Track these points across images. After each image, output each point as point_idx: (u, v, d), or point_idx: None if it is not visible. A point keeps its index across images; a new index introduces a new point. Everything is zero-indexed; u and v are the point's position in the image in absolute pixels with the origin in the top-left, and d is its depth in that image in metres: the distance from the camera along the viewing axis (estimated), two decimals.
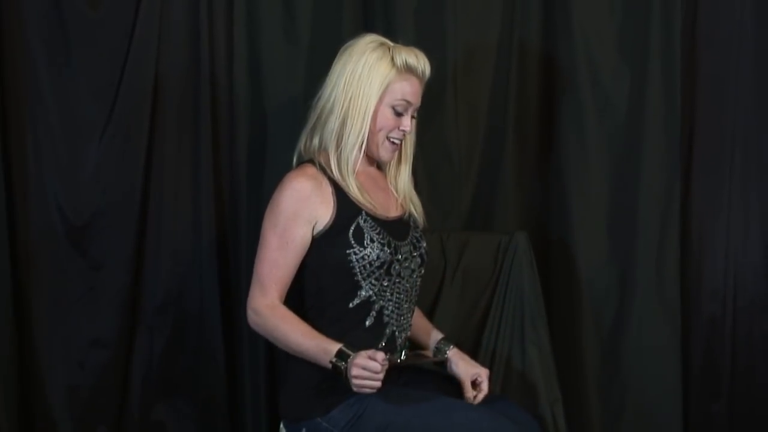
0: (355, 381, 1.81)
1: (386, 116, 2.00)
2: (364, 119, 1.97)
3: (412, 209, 2.10)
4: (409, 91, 1.99)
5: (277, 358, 2.47)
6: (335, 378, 1.93)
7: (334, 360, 1.85)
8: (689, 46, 2.63)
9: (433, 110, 2.45)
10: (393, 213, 2.07)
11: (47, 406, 2.38)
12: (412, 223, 2.09)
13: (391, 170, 2.12)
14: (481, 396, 2.02)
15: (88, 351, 2.39)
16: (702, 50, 2.64)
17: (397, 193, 2.10)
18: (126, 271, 2.38)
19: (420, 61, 2.00)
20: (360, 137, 1.98)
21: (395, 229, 2.02)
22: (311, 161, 2.03)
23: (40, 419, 2.39)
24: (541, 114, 2.62)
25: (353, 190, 2.00)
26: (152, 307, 2.43)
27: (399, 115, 2.00)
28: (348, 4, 2.49)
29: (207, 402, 2.46)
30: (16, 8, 2.31)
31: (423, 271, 2.09)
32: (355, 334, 1.97)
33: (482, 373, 2.04)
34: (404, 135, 2.03)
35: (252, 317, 1.98)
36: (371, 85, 1.97)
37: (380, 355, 1.81)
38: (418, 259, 2.06)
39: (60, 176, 2.36)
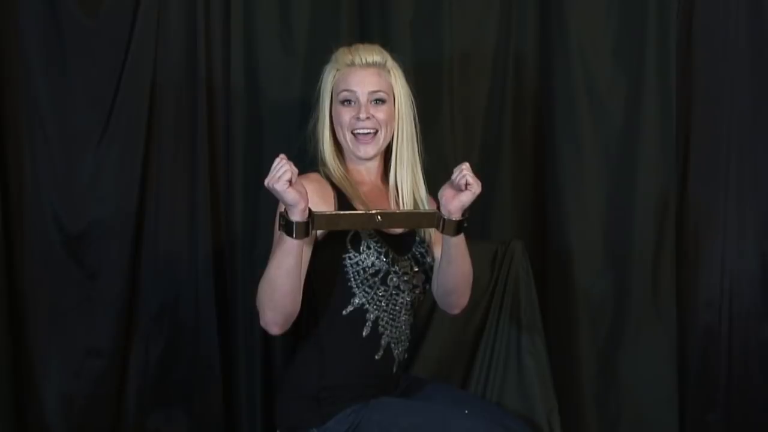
0: (270, 185, 1.75)
1: (339, 112, 2.03)
2: (324, 126, 2.05)
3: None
4: (351, 80, 2.01)
5: (274, 367, 2.47)
6: (332, 388, 1.94)
7: (282, 224, 1.80)
8: (685, 54, 2.64)
9: (429, 119, 2.45)
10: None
11: (43, 414, 2.37)
12: (417, 239, 2.06)
13: (390, 175, 2.09)
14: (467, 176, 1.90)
15: (84, 360, 2.38)
16: (697, 59, 2.65)
17: (399, 197, 2.08)
18: (122, 279, 2.38)
19: (356, 53, 2.03)
20: (326, 144, 2.05)
21: (396, 242, 2.01)
22: (317, 170, 2.05)
23: (35, 428, 2.38)
24: (537, 122, 2.63)
25: (353, 196, 2.00)
26: (148, 315, 2.42)
27: (350, 105, 2.01)
28: (344, 14, 2.49)
29: (203, 411, 2.45)
30: (11, 17, 2.30)
31: (428, 287, 2.08)
32: (351, 344, 1.97)
33: (455, 172, 1.92)
34: (365, 120, 2.00)
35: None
36: (325, 94, 2.05)
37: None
38: (422, 275, 2.06)
39: (56, 185, 2.36)
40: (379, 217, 1.85)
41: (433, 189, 2.13)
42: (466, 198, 1.89)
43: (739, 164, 2.65)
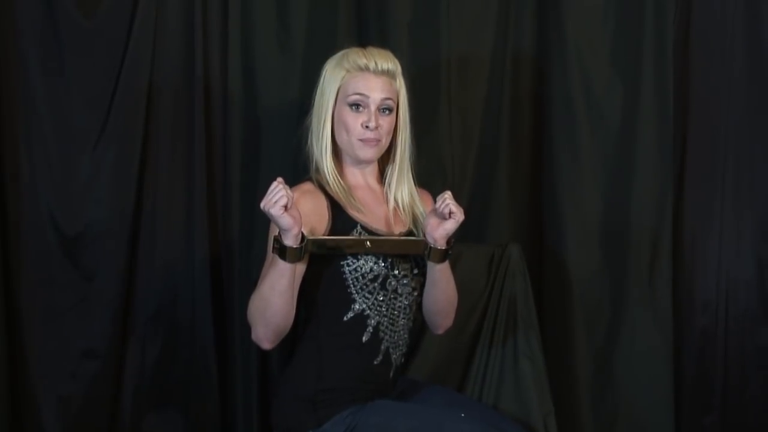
0: (266, 209, 1.78)
1: (345, 115, 2.00)
2: (324, 124, 2.02)
3: (414, 227, 2.06)
4: (362, 85, 1.99)
5: (270, 369, 2.47)
6: (330, 391, 1.94)
7: (276, 248, 1.82)
8: (682, 57, 2.64)
9: (426, 122, 2.45)
10: (395, 229, 2.05)
11: (39, 416, 2.37)
12: None
13: (389, 182, 2.09)
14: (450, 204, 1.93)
15: (80, 361, 2.37)
16: (694, 62, 2.65)
17: (399, 207, 2.08)
18: (118, 281, 2.37)
19: (371, 58, 2.00)
20: (324, 143, 2.02)
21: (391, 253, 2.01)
22: (310, 179, 2.04)
23: (31, 429, 2.38)
24: (535, 126, 2.63)
25: (346, 203, 2.00)
26: (144, 317, 2.42)
27: (358, 110, 2.00)
28: (342, 15, 2.49)
29: (199, 413, 2.44)
30: (9, 18, 2.30)
31: None
32: (351, 349, 1.97)
33: (438, 201, 1.95)
34: (373, 129, 1.99)
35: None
36: (329, 93, 2.02)
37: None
38: (422, 278, 2.05)
39: (53, 186, 2.35)
40: (368, 243, 1.93)
41: (430, 191, 2.14)
42: (450, 226, 1.93)
43: (736, 167, 2.65)
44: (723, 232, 2.66)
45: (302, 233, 1.83)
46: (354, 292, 1.96)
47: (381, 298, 1.98)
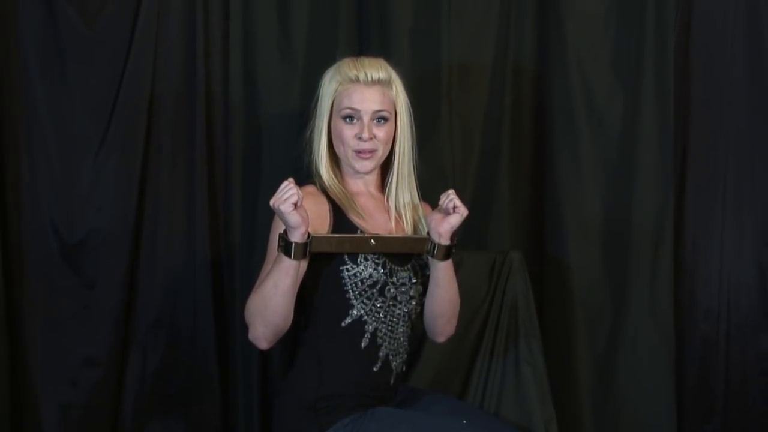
0: (275, 206, 1.79)
1: (340, 128, 2.02)
2: (321, 136, 2.04)
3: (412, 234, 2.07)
4: (354, 98, 2.00)
5: (271, 376, 2.47)
6: (330, 398, 1.94)
7: (281, 245, 1.83)
8: (682, 64, 2.64)
9: (427, 128, 2.45)
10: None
11: (39, 424, 2.36)
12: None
13: (389, 190, 2.09)
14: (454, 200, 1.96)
15: (81, 369, 2.37)
16: (695, 66, 2.66)
17: (398, 214, 2.08)
18: (120, 288, 2.37)
19: (362, 68, 2.01)
20: (322, 153, 2.04)
21: (395, 252, 2.01)
22: (313, 182, 2.05)
23: None
24: (535, 132, 2.64)
25: (348, 208, 2.00)
26: (146, 324, 2.42)
27: (352, 122, 2.01)
28: (343, 23, 2.50)
29: (200, 420, 2.44)
30: (11, 26, 2.31)
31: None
32: (350, 355, 1.97)
33: (442, 198, 1.98)
34: (366, 141, 2.00)
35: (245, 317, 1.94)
36: (325, 106, 2.04)
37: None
38: (420, 287, 2.06)
39: (54, 193, 2.35)
40: (372, 241, 1.94)
41: (430, 199, 2.13)
42: (455, 220, 1.95)
43: (737, 173, 2.65)
44: (724, 236, 2.67)
45: (308, 232, 1.83)
46: (352, 297, 1.96)
47: (379, 305, 1.98)
